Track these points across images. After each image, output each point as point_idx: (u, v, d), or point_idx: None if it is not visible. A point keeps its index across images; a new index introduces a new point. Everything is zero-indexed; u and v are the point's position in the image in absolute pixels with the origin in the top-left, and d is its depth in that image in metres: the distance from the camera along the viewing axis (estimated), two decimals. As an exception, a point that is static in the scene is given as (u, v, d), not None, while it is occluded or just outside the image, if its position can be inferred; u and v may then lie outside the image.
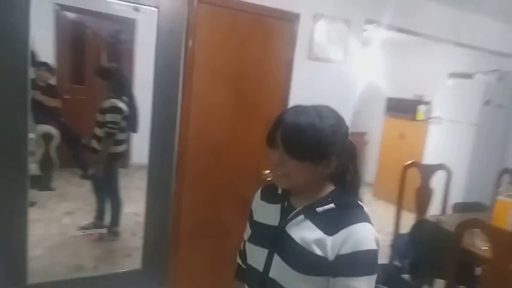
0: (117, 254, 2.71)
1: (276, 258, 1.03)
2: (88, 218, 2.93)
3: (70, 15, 2.65)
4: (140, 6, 2.06)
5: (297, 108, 1.03)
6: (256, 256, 1.08)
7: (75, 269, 2.52)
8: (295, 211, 1.06)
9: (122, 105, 2.60)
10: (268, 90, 2.48)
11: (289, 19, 2.46)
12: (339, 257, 0.96)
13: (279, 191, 1.13)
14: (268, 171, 2.32)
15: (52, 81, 2.91)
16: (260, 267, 1.06)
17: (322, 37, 2.63)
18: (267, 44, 2.41)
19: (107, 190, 2.92)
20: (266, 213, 1.13)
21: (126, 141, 2.75)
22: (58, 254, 2.62)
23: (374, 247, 0.97)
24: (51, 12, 2.50)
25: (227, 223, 2.45)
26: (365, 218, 1.01)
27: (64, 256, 2.62)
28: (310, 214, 1.03)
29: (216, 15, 2.25)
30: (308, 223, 1.02)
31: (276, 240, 1.05)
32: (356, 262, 0.95)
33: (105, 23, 2.66)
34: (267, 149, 1.07)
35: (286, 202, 1.10)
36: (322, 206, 1.03)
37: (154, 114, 2.20)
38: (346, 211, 1.02)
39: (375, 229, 1.01)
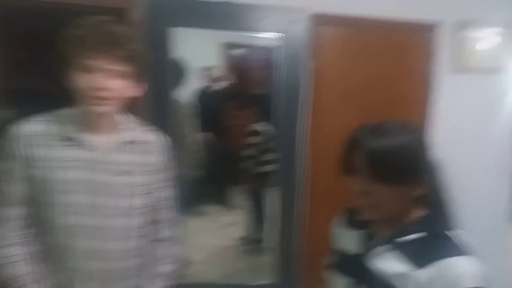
0: (264, 267, 2.86)
1: None
2: (243, 232, 3.22)
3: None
4: (264, 34, 2.19)
5: (370, 128, 0.96)
6: (335, 283, 1.06)
7: (226, 277, 2.80)
8: (379, 240, 0.99)
9: (264, 128, 2.79)
10: (401, 109, 2.27)
11: (424, 30, 2.21)
12: None
13: (364, 217, 1.04)
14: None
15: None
16: None
17: (471, 46, 2.26)
18: (397, 60, 2.23)
19: (257, 207, 3.15)
20: (348, 239, 1.08)
21: (273, 161, 2.94)
22: (215, 261, 2.93)
23: (479, 284, 0.85)
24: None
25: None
26: (464, 250, 0.89)
27: (220, 264, 2.93)
28: (397, 244, 0.95)
29: (339, 36, 2.22)
30: (394, 254, 0.94)
31: (356, 270, 1.00)
32: None
33: (253, 53, 2.93)
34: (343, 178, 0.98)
35: (369, 229, 1.03)
36: (410, 234, 0.94)
37: (279, 135, 2.30)
38: (439, 241, 0.91)
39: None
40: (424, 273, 0.87)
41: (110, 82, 1.13)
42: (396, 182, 0.91)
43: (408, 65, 2.25)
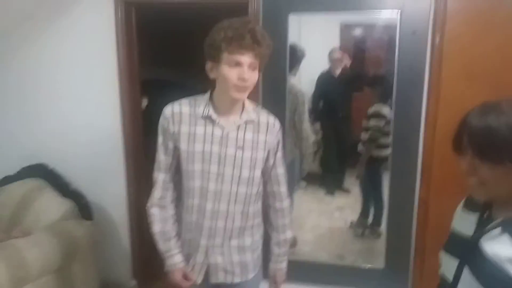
0: (373, 251, 2.84)
1: (466, 271, 0.96)
2: (356, 215, 3.21)
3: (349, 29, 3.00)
4: (382, 11, 2.14)
5: (484, 105, 0.94)
6: (447, 265, 1.04)
7: (335, 257, 2.84)
8: (493, 223, 0.95)
9: (385, 111, 2.71)
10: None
11: None
12: None
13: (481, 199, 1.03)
14: None
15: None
16: (450, 277, 1.02)
17: None
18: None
19: (372, 192, 3.10)
20: (463, 221, 1.06)
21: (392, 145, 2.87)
22: (324, 241, 3.01)
23: None
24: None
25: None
26: None
27: (329, 245, 2.98)
28: (508, 226, 0.91)
29: (470, 5, 2.04)
30: (506, 237, 0.90)
31: (468, 252, 0.97)
32: None
33: (372, 33, 2.85)
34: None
35: (486, 212, 1.00)
36: None
37: (397, 117, 2.23)
38: None
39: None
40: None
41: (251, 73, 1.37)
42: (501, 162, 0.88)
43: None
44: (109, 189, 2.66)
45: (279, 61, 2.27)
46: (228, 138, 1.46)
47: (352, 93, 3.04)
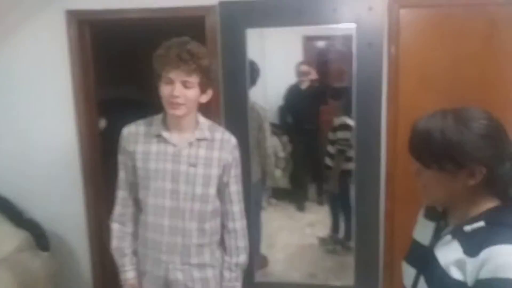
0: (345, 267, 2.81)
1: (421, 280, 0.99)
2: (326, 231, 3.19)
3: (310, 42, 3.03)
4: (339, 25, 2.16)
5: (434, 112, 0.97)
6: (407, 275, 1.06)
7: (307, 276, 2.78)
8: (445, 230, 1.00)
9: (351, 122, 2.72)
10: (497, 92, 2.06)
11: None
12: (477, 282, 0.84)
13: (439, 208, 1.05)
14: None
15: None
16: (409, 286, 1.04)
17: None
18: (490, 37, 2.03)
19: (341, 206, 3.09)
20: (422, 230, 1.09)
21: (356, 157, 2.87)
22: (295, 260, 2.95)
23: None
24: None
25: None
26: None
27: (300, 263, 2.93)
28: (459, 233, 0.94)
29: (421, 18, 2.09)
30: (454, 243, 0.93)
31: (424, 260, 1.00)
32: None
33: (331, 45, 2.89)
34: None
35: (443, 221, 1.03)
36: (471, 224, 0.92)
37: (358, 129, 2.23)
38: (496, 230, 0.89)
39: None
40: (475, 262, 0.85)
41: (185, 91, 1.42)
42: (429, 166, 0.92)
43: (501, 43, 2.04)
44: (67, 217, 2.53)
45: (238, 77, 2.25)
46: (181, 155, 1.50)
47: (318, 106, 3.06)
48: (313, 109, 3.09)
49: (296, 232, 3.28)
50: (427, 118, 0.95)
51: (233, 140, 1.59)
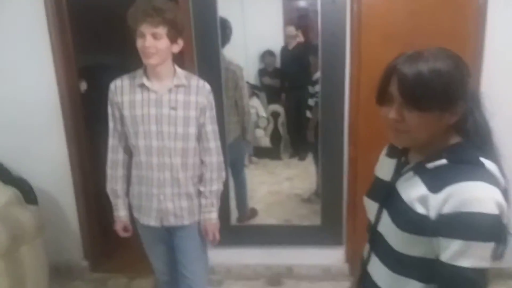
0: (314, 213, 3.01)
1: (385, 213, 1.01)
2: (303, 183, 3.36)
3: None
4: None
5: (409, 55, 0.93)
6: (370, 209, 1.10)
7: (281, 221, 3.00)
8: (407, 167, 1.00)
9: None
10: (452, 46, 2.18)
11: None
12: (440, 217, 0.86)
13: (400, 146, 1.06)
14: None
15: (277, 64, 3.47)
16: (372, 219, 1.07)
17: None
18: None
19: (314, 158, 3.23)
20: (384, 167, 1.11)
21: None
22: (273, 209, 3.16)
23: (487, 211, 0.82)
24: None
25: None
26: (482, 177, 0.86)
27: (277, 211, 3.14)
28: (421, 170, 0.95)
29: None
30: (417, 179, 0.94)
31: (386, 195, 1.02)
32: (455, 224, 0.84)
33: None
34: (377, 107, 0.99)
35: (403, 157, 1.04)
36: (433, 161, 0.93)
37: (323, 81, 2.36)
38: (459, 167, 0.89)
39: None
40: (438, 198, 0.87)
41: (154, 41, 1.59)
42: (429, 109, 0.88)
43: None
44: (54, 173, 2.67)
45: (210, 35, 2.34)
46: (162, 101, 1.69)
47: (302, 64, 3.13)
48: (302, 68, 3.17)
49: (275, 186, 3.46)
50: (411, 61, 0.90)
51: (207, 86, 1.78)
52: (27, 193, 2.49)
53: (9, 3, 2.43)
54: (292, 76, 3.49)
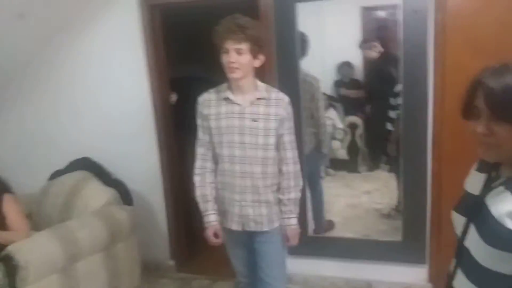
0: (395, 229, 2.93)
1: (472, 228, 0.99)
2: (382, 198, 3.29)
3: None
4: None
5: (495, 67, 0.94)
6: (457, 223, 1.08)
7: (360, 235, 2.95)
8: (497, 181, 0.98)
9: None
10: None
11: None
12: None
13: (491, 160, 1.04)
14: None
15: (354, 75, 3.47)
16: (459, 234, 1.06)
17: None
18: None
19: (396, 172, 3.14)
20: (474, 181, 1.09)
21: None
22: (350, 223, 3.13)
23: None
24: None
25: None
26: None
27: (355, 225, 3.11)
28: (510, 184, 0.93)
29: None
30: (507, 194, 0.92)
31: (474, 210, 1.00)
32: None
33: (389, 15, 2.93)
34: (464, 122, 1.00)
35: (493, 172, 1.03)
36: None
37: (406, 94, 2.32)
38: None
39: None
40: None
41: (238, 57, 1.73)
42: None
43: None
44: (146, 177, 2.93)
45: (288, 49, 2.44)
46: (245, 113, 1.82)
47: (383, 75, 3.07)
48: (382, 80, 3.12)
49: (353, 199, 3.41)
50: (498, 74, 0.91)
51: (286, 98, 1.88)
52: (124, 194, 2.77)
53: (109, 20, 2.75)
54: (372, 87, 3.44)
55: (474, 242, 0.98)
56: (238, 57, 1.73)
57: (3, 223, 2.21)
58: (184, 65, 3.48)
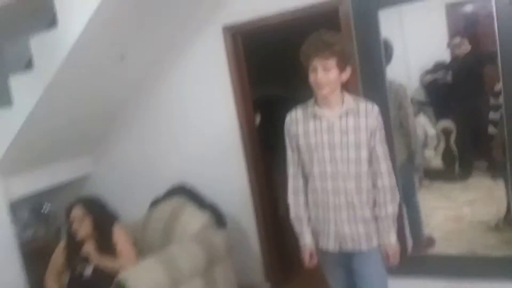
0: (506, 241, 2.65)
1: None
2: (487, 208, 3.01)
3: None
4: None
5: None
6: None
7: (464, 251, 2.71)
8: None
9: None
10: None
11: None
12: None
13: None
14: None
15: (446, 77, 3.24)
16: None
17: None
18: None
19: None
20: None
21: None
22: (453, 238, 2.89)
23: None
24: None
25: None
26: None
27: (457, 240, 2.86)
28: None
29: None
30: None
31: None
32: None
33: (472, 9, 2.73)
34: None
35: None
36: None
37: (506, 94, 2.15)
38: None
39: None
40: None
41: (326, 73, 1.70)
42: None
43: None
44: (237, 200, 3.00)
45: (373, 57, 2.37)
46: (334, 127, 1.78)
47: (478, 75, 2.88)
48: (473, 79, 2.94)
49: (453, 211, 3.16)
50: None
51: (375, 108, 1.82)
52: (218, 217, 2.86)
53: (197, 51, 2.92)
54: (462, 88, 3.19)
55: None
56: (326, 74, 1.71)
57: (114, 251, 2.40)
58: (264, 86, 3.56)
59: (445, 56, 3.13)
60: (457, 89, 3.23)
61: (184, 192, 2.99)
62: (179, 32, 2.94)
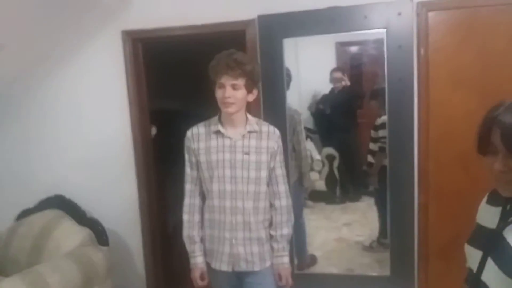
0: (379, 263, 2.90)
1: (490, 262, 0.99)
2: (362, 230, 3.27)
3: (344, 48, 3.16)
4: (370, 31, 2.32)
5: (507, 104, 0.94)
6: (472, 257, 1.08)
7: (343, 270, 2.89)
8: None
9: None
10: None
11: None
12: None
13: (504, 194, 1.04)
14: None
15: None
16: (475, 269, 1.05)
17: None
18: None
19: (378, 202, 3.16)
20: (487, 215, 1.10)
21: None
22: (333, 257, 3.07)
23: None
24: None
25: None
26: None
27: (337, 259, 3.04)
28: None
29: (449, 19, 2.21)
30: None
31: (491, 243, 1.01)
32: None
33: (363, 50, 3.01)
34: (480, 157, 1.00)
35: (509, 205, 1.03)
36: None
37: (391, 126, 2.35)
38: None
39: None
40: None
41: (234, 92, 1.71)
42: None
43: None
44: (123, 216, 2.77)
45: (276, 83, 2.43)
46: (236, 146, 1.78)
47: (354, 109, 3.15)
48: (348, 112, 3.20)
49: (334, 232, 3.37)
50: (508, 113, 0.92)
51: (277, 131, 1.87)
52: (99, 234, 2.60)
53: (93, 53, 2.67)
54: (340, 120, 3.48)
55: (493, 276, 0.97)
56: (234, 92, 1.71)
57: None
58: (163, 98, 3.42)
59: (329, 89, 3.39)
60: (335, 120, 3.52)
61: (61, 204, 2.67)
62: (73, 28, 2.65)
